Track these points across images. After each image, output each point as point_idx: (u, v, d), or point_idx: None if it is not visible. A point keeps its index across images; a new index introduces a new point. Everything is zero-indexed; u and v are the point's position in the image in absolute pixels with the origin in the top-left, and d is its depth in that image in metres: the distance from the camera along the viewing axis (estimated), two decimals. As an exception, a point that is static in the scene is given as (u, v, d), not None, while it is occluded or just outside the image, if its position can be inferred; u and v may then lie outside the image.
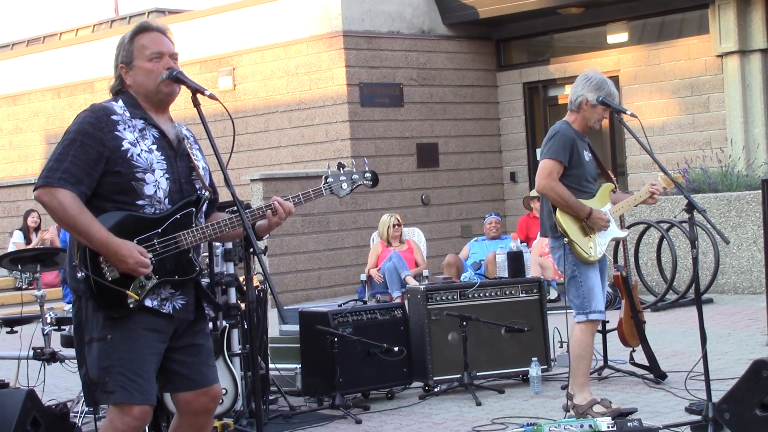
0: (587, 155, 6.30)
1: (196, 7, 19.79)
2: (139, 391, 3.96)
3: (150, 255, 3.96)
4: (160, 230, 4.01)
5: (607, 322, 7.28)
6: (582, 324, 6.30)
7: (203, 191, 4.17)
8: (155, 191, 4.02)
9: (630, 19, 15.53)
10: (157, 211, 4.03)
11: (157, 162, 4.04)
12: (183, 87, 4.15)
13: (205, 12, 17.30)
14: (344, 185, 4.32)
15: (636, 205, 6.72)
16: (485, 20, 16.08)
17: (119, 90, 4.16)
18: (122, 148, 3.99)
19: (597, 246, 6.23)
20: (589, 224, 6.19)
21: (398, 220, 12.15)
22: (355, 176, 4.34)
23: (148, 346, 4.01)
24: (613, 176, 6.70)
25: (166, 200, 4.05)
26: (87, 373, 4.06)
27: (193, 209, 4.10)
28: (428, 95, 15.95)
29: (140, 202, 4.01)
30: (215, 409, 4.28)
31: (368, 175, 4.37)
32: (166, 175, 4.05)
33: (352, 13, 15.21)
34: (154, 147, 4.06)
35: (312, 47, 15.43)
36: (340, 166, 4.34)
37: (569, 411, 6.29)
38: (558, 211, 6.16)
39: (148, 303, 4.00)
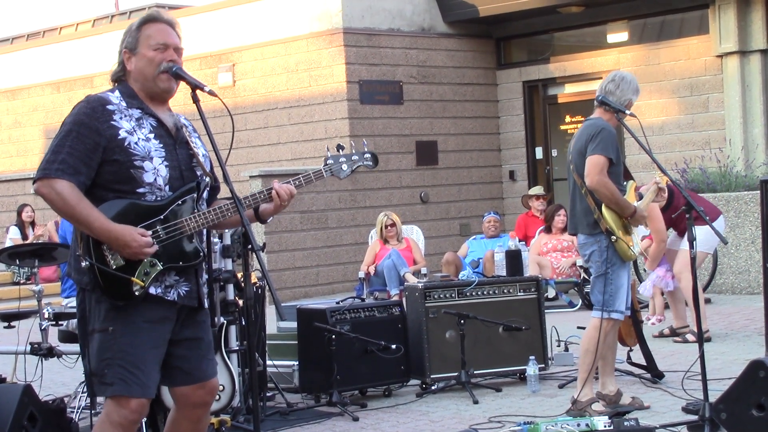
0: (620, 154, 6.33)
1: (196, 3, 19.77)
2: (138, 384, 3.97)
3: (150, 233, 3.96)
4: (162, 217, 4.02)
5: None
6: (597, 320, 6.28)
7: (204, 177, 4.19)
8: (155, 179, 4.03)
9: (630, 19, 15.53)
10: (159, 199, 4.04)
11: (156, 150, 4.05)
12: (183, 83, 4.16)
13: (205, 8, 17.29)
14: (344, 166, 4.31)
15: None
16: (485, 18, 16.08)
17: (119, 78, 4.17)
18: (119, 137, 4.00)
19: (635, 244, 6.25)
20: (632, 222, 6.21)
21: (392, 220, 12.11)
22: (355, 157, 4.33)
23: (150, 339, 4.01)
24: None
25: (167, 187, 4.06)
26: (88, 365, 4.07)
27: (195, 195, 4.11)
28: (428, 93, 15.95)
29: (141, 190, 4.02)
30: (212, 401, 4.29)
31: (368, 155, 4.36)
32: (166, 163, 4.06)
33: (352, 10, 15.20)
34: (152, 135, 4.07)
35: (312, 44, 15.43)
36: (339, 147, 4.33)
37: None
38: (604, 208, 6.13)
39: (152, 290, 4.00)
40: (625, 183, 6.37)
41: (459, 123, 16.30)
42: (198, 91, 4.13)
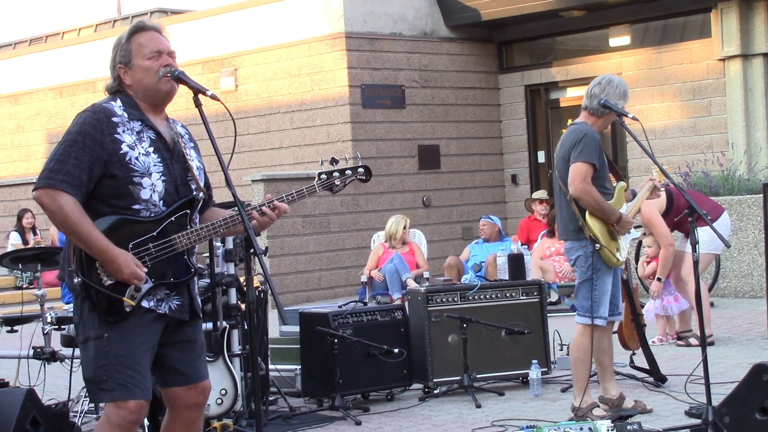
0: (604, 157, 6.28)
1: (199, 8, 19.82)
2: (138, 386, 3.99)
3: (145, 269, 3.98)
4: (155, 233, 4.03)
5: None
6: (582, 326, 6.27)
7: (198, 192, 4.19)
8: (151, 195, 4.04)
9: (632, 23, 15.53)
10: (152, 215, 4.04)
11: (154, 165, 4.06)
12: (185, 87, 4.16)
13: (207, 12, 17.31)
14: (337, 181, 4.34)
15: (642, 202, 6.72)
16: (487, 22, 16.09)
17: (116, 90, 4.17)
18: (121, 152, 4.00)
19: (622, 250, 6.22)
20: (618, 228, 6.16)
21: (407, 222, 12.16)
22: (348, 171, 4.36)
23: (144, 342, 4.03)
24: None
25: (161, 203, 4.06)
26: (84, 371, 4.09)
27: (188, 211, 4.11)
28: (430, 97, 15.96)
29: (136, 207, 4.02)
30: (205, 403, 4.30)
31: (361, 169, 4.39)
32: (163, 178, 4.07)
33: (354, 14, 15.22)
34: (151, 149, 4.07)
35: (314, 48, 15.44)
36: (333, 161, 4.37)
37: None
38: (588, 216, 6.07)
39: (144, 304, 4.03)
40: (614, 185, 6.32)
41: (461, 127, 16.30)
42: (200, 96, 4.13)
